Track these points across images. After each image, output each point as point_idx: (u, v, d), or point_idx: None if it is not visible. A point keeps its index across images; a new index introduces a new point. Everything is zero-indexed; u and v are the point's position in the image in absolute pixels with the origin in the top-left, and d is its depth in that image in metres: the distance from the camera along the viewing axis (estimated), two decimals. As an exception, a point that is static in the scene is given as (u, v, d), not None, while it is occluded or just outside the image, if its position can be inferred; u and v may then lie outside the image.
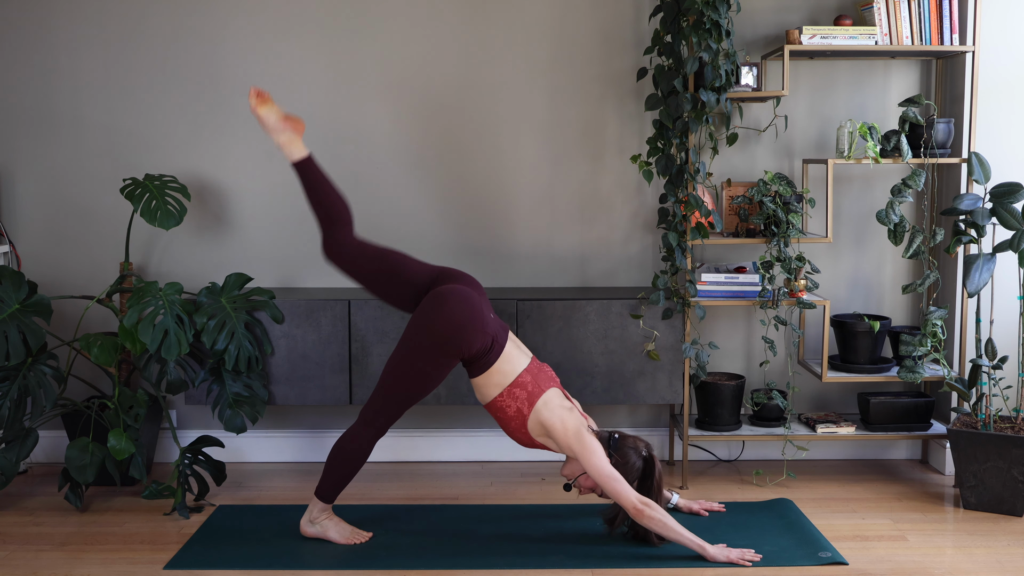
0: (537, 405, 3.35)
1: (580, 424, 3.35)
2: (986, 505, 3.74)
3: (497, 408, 3.39)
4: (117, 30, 4.26)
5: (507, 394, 3.36)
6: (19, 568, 3.25)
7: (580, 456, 3.31)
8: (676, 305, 3.99)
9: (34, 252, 4.34)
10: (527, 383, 3.37)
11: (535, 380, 3.39)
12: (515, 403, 3.35)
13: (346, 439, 3.41)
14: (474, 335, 3.31)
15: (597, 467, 3.28)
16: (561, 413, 3.35)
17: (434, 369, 3.34)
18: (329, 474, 3.43)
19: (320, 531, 3.45)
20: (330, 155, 4.32)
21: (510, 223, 4.35)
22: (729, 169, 4.30)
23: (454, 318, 3.30)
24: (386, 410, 3.39)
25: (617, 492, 3.26)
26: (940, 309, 3.87)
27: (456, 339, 3.30)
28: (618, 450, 3.37)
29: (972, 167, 3.83)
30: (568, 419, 3.34)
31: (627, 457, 3.37)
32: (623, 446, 3.39)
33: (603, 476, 3.27)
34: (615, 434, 3.41)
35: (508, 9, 4.27)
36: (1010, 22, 4.04)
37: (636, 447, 3.40)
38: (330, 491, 3.44)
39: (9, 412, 3.65)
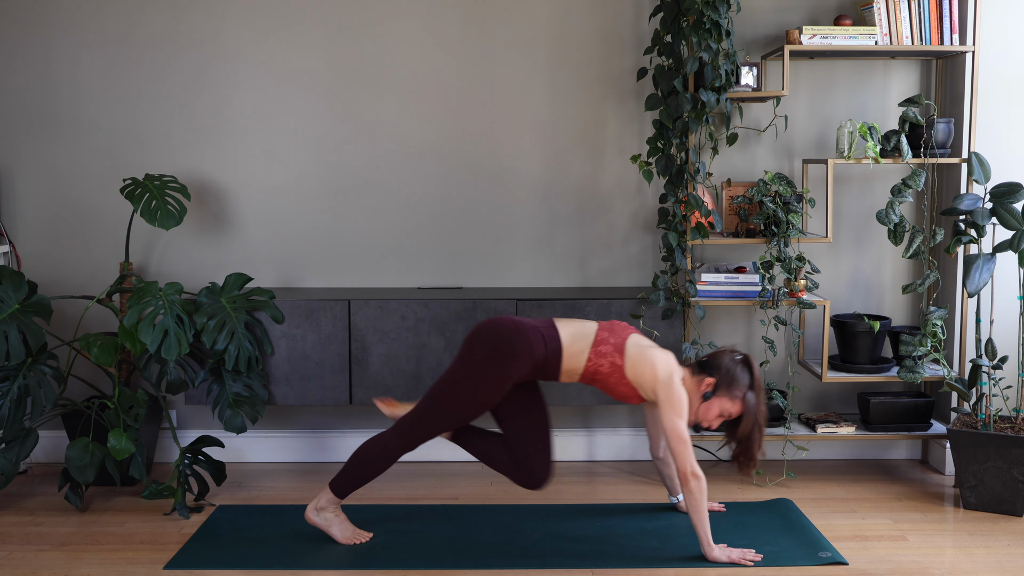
0: (627, 350, 3.29)
1: (672, 371, 3.26)
2: (986, 505, 3.74)
3: (593, 374, 3.32)
4: (116, 30, 4.26)
5: (594, 354, 3.30)
6: (19, 568, 3.25)
7: (661, 406, 3.23)
8: (676, 305, 3.99)
9: (34, 252, 4.34)
10: (607, 338, 3.32)
11: (612, 333, 3.34)
12: (606, 359, 3.29)
13: (374, 442, 3.40)
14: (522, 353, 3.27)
15: (673, 423, 3.21)
16: (651, 353, 3.27)
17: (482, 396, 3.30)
18: (348, 470, 3.41)
19: (323, 523, 3.44)
20: (330, 155, 4.32)
21: (510, 223, 4.35)
22: (729, 169, 4.31)
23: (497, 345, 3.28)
24: (422, 427, 3.37)
25: (680, 454, 3.19)
26: (940, 309, 3.87)
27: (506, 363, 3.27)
28: (717, 367, 3.28)
29: (972, 167, 3.83)
30: (659, 362, 3.26)
31: (729, 369, 3.28)
32: (719, 361, 3.30)
33: (675, 434, 3.20)
34: (704, 359, 3.33)
35: (508, 9, 4.27)
36: (1010, 22, 4.04)
37: (732, 358, 3.31)
38: (344, 486, 3.42)
39: (9, 412, 3.65)
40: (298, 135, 4.32)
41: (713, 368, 3.30)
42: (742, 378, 3.28)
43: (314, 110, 4.30)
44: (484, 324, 3.36)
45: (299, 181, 4.33)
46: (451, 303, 3.98)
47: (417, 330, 3.98)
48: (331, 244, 4.35)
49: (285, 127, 4.31)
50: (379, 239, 4.36)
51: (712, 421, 3.32)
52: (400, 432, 3.38)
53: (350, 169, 4.33)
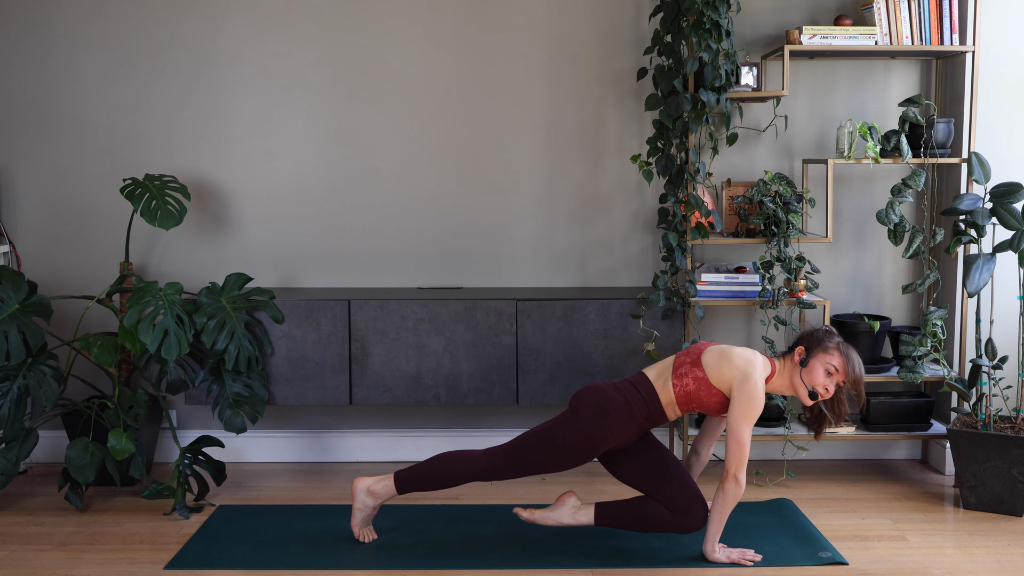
0: (704, 361, 3.27)
1: (753, 367, 3.22)
2: (986, 505, 3.74)
3: (685, 395, 3.28)
4: (116, 30, 4.26)
5: (675, 378, 3.28)
6: (19, 568, 3.25)
7: (735, 398, 3.19)
8: (676, 305, 3.99)
9: (34, 252, 4.34)
10: (684, 360, 3.31)
11: (688, 353, 3.33)
12: (688, 377, 3.27)
13: (462, 457, 3.37)
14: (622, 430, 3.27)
15: (738, 424, 3.18)
16: (728, 352, 3.26)
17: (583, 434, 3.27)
18: (422, 471, 3.37)
19: (361, 504, 3.41)
20: (330, 155, 4.32)
21: (510, 223, 4.35)
22: (729, 169, 4.31)
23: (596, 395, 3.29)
24: (516, 463, 3.34)
25: (736, 455, 3.17)
26: (940, 309, 3.87)
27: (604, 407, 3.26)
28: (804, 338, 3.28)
29: (972, 167, 3.83)
30: (737, 355, 3.23)
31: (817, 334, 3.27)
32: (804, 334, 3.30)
33: (737, 435, 3.17)
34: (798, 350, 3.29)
35: (508, 9, 4.27)
36: (1010, 22, 4.04)
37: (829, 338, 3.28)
38: (410, 484, 3.38)
39: (9, 412, 3.65)
40: (298, 135, 4.32)
41: (798, 340, 3.31)
42: (827, 335, 3.28)
43: (314, 110, 4.30)
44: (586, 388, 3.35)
45: (299, 181, 4.33)
46: (451, 303, 3.98)
47: (417, 330, 3.98)
48: (331, 244, 4.35)
49: (285, 127, 4.31)
50: (379, 239, 4.36)
51: (825, 383, 3.25)
52: (490, 457, 3.35)
53: (350, 169, 4.33)
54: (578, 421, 3.28)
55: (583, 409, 3.28)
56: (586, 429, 3.26)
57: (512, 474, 3.35)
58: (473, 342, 3.98)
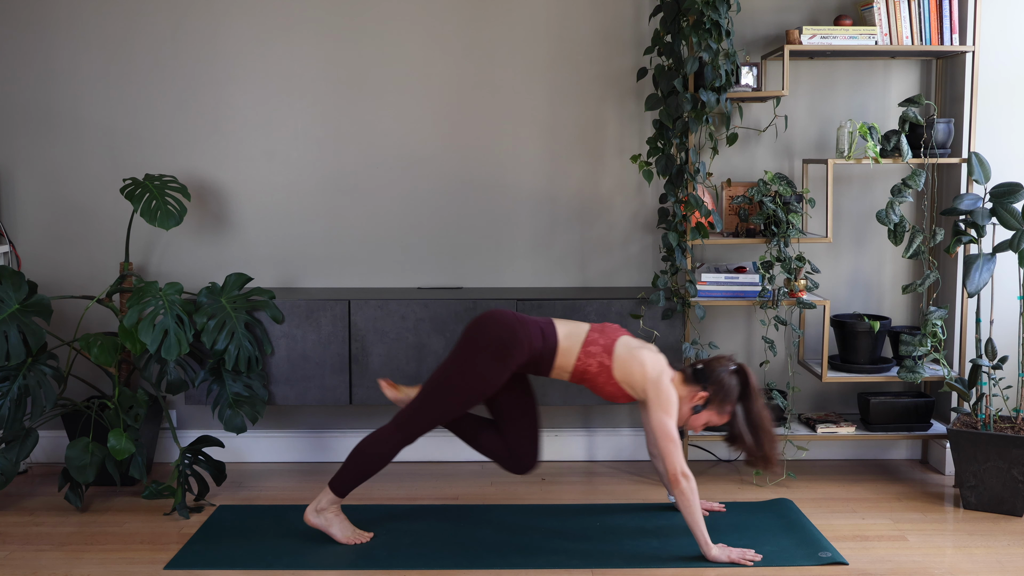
0: (615, 351, 3.33)
1: (662, 371, 3.31)
2: (986, 505, 3.74)
3: (582, 372, 3.36)
4: (116, 30, 4.26)
5: (583, 354, 3.35)
6: (19, 568, 3.25)
7: (650, 404, 3.27)
8: (676, 305, 3.99)
9: (34, 252, 4.34)
10: (596, 339, 3.36)
11: (603, 334, 3.38)
12: (594, 359, 3.34)
13: (373, 439, 3.40)
14: (521, 342, 3.31)
15: (661, 422, 3.25)
16: (640, 354, 3.32)
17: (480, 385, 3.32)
18: (348, 469, 3.41)
19: (324, 524, 3.44)
20: (330, 155, 4.32)
21: (510, 223, 4.35)
22: (729, 169, 4.31)
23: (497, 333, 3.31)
24: (421, 418, 3.37)
25: (669, 453, 3.23)
26: (940, 309, 3.87)
27: (506, 350, 3.30)
28: (709, 378, 3.32)
29: (972, 167, 3.83)
30: (648, 362, 3.31)
31: (721, 380, 3.31)
32: (712, 371, 3.33)
33: (663, 432, 3.24)
34: (697, 365, 3.37)
35: (508, 9, 4.28)
36: (1010, 22, 4.04)
37: (724, 366, 3.34)
38: (345, 485, 3.42)
39: (9, 412, 3.65)
40: (298, 135, 4.32)
41: (707, 380, 3.32)
42: (733, 392, 3.32)
43: (314, 110, 4.30)
44: (485, 316, 3.38)
45: (299, 181, 4.33)
46: (451, 303, 3.98)
47: (417, 330, 3.98)
48: (331, 244, 4.35)
49: (285, 127, 4.31)
50: (379, 239, 4.36)
51: (698, 428, 3.40)
52: (400, 425, 3.38)
53: (350, 169, 4.33)
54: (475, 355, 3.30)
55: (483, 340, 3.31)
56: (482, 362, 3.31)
57: (423, 429, 3.39)
58: (473, 342, 3.98)
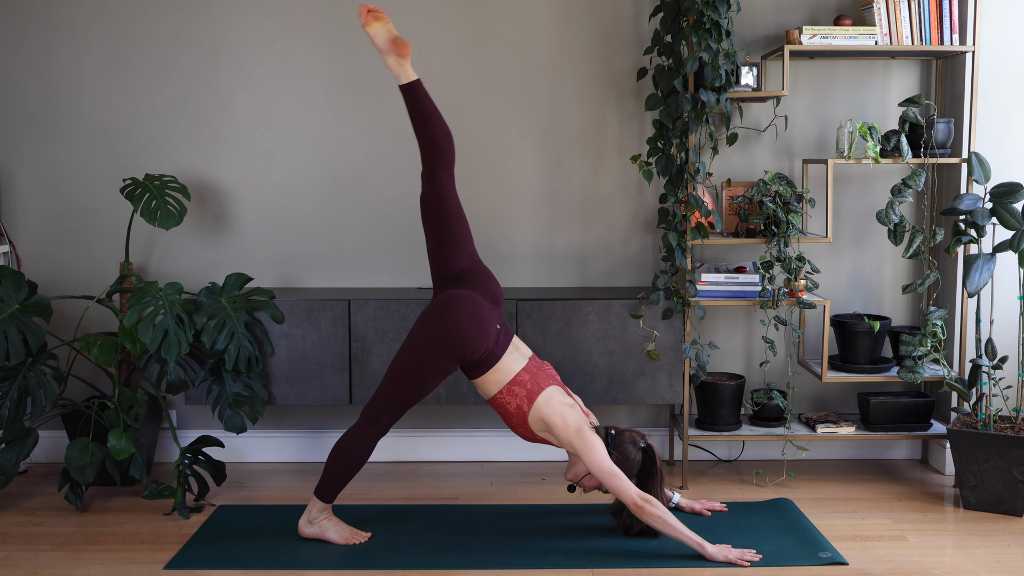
0: (537, 402, 3.38)
1: (582, 421, 3.38)
2: (986, 505, 3.74)
3: (498, 404, 3.42)
4: (117, 30, 4.26)
5: (506, 391, 3.39)
6: (19, 568, 3.25)
7: (581, 452, 3.34)
8: (676, 305, 3.99)
9: (34, 252, 4.34)
10: (525, 381, 3.39)
11: (533, 378, 3.41)
12: (515, 400, 3.39)
13: (347, 438, 3.41)
14: (475, 345, 3.34)
15: (598, 463, 3.31)
16: (562, 409, 3.38)
17: (434, 371, 3.36)
18: (329, 474, 3.43)
19: (319, 531, 3.45)
20: (330, 155, 4.32)
21: (510, 223, 4.35)
22: (729, 169, 4.31)
23: (459, 327, 3.31)
24: (388, 409, 3.39)
25: (618, 488, 3.28)
26: (940, 309, 3.87)
27: (458, 347, 3.32)
28: (617, 446, 3.40)
29: (972, 167, 3.83)
30: (569, 415, 3.37)
31: (627, 452, 3.40)
32: (621, 441, 3.42)
33: (604, 472, 3.30)
34: (611, 430, 3.44)
35: (508, 9, 4.27)
36: (1010, 22, 4.04)
37: (634, 440, 3.44)
38: (330, 491, 3.44)
39: (9, 412, 3.65)
40: (298, 135, 4.32)
41: (615, 447, 3.40)
42: (634, 467, 3.41)
43: (314, 110, 4.30)
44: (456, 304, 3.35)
45: (299, 181, 4.33)
46: (451, 303, 3.98)
47: (417, 330, 3.98)
48: (331, 244, 4.35)
49: (285, 127, 4.31)
50: (379, 239, 4.36)
51: (588, 489, 3.45)
52: (369, 419, 3.39)
53: (350, 169, 4.33)
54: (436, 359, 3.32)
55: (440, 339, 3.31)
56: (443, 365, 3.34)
57: (395, 418, 3.40)
58: (473, 342, 3.98)
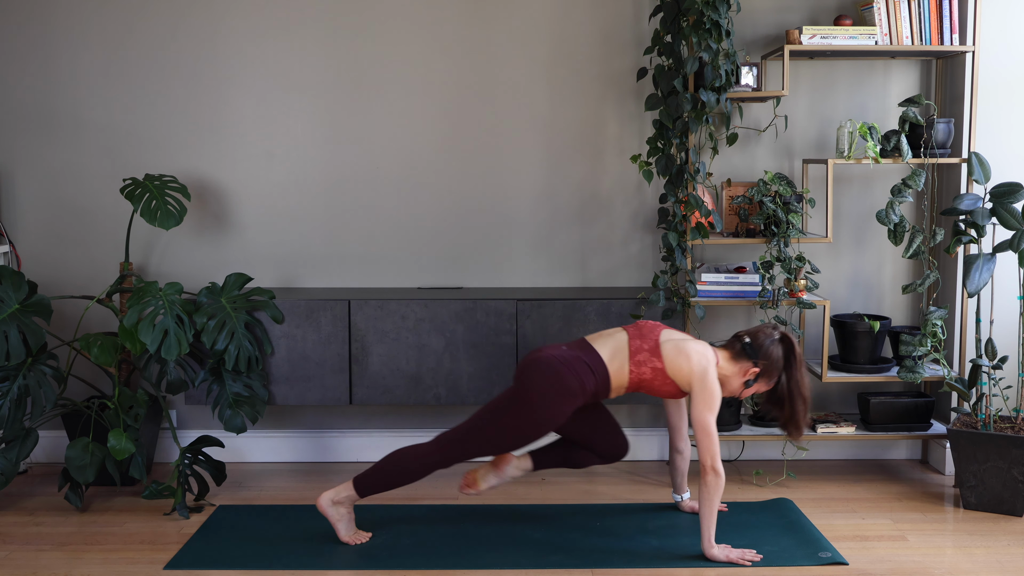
0: (663, 351, 3.33)
1: (708, 364, 3.30)
2: (986, 505, 3.74)
3: (639, 381, 3.36)
4: (116, 30, 4.26)
5: (633, 365, 3.34)
6: (19, 568, 3.25)
7: (695, 396, 3.28)
8: (676, 305, 3.99)
9: (34, 252, 4.34)
10: (640, 347, 3.35)
11: (642, 336, 3.37)
12: (647, 366, 3.33)
13: (411, 452, 3.39)
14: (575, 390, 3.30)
15: (702, 417, 3.25)
16: (685, 347, 3.32)
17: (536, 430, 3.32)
18: (377, 473, 3.41)
19: (334, 516, 3.42)
20: (330, 155, 4.32)
21: (510, 223, 4.35)
22: (729, 169, 4.31)
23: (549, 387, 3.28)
24: (463, 449, 3.37)
25: (705, 447, 3.24)
26: (940, 309, 3.87)
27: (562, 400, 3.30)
28: (759, 352, 3.34)
29: (972, 167, 3.83)
30: (693, 353, 3.31)
31: (770, 353, 3.34)
32: (761, 345, 3.35)
33: (702, 427, 3.24)
34: (745, 338, 3.37)
35: (508, 9, 4.28)
36: (1010, 22, 4.04)
37: (770, 336, 3.37)
38: (369, 488, 3.41)
39: (9, 412, 3.65)
40: (298, 135, 4.32)
41: (756, 354, 3.34)
42: (779, 363, 3.35)
43: (314, 110, 4.30)
44: (533, 364, 3.34)
45: (299, 181, 4.33)
46: (451, 303, 3.98)
47: (417, 330, 3.98)
48: (331, 244, 4.35)
49: (285, 127, 4.31)
50: (379, 239, 4.36)
51: (745, 396, 3.44)
52: (441, 448, 3.38)
53: (350, 169, 4.33)
54: (530, 405, 3.29)
55: (535, 392, 3.29)
56: (538, 413, 3.29)
57: (463, 458, 3.40)
58: (473, 342, 3.98)
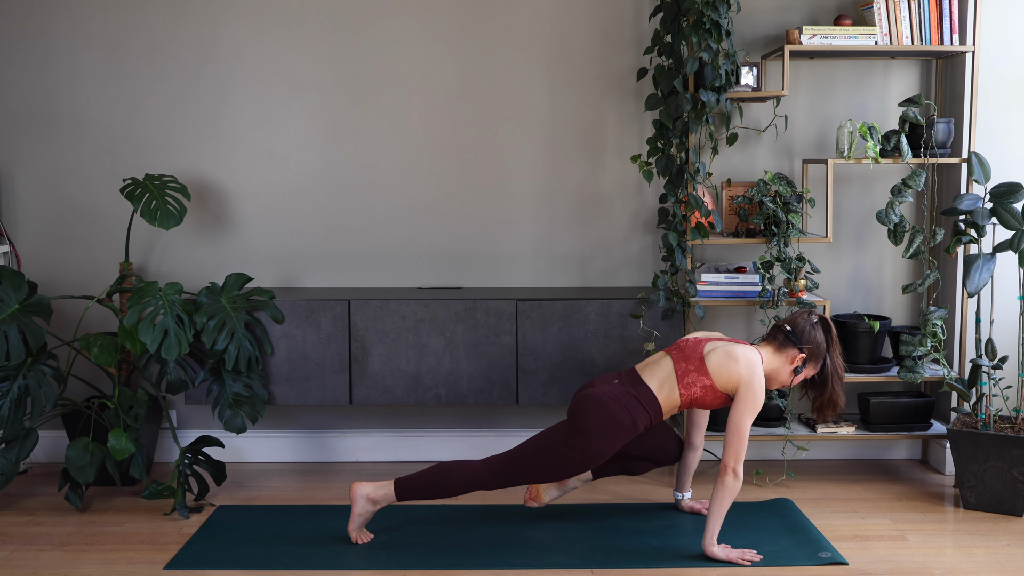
0: (709, 366, 3.33)
1: (755, 368, 3.30)
2: (986, 505, 3.74)
3: (691, 401, 3.37)
4: (116, 30, 4.26)
5: (683, 388, 3.34)
6: (19, 568, 3.25)
7: (740, 398, 3.27)
8: (676, 305, 3.99)
9: (34, 252, 4.34)
10: (687, 368, 3.35)
11: (687, 358, 3.37)
12: (696, 386, 3.34)
13: (459, 467, 3.39)
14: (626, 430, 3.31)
15: (742, 419, 3.26)
16: (729, 350, 3.33)
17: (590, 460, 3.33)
18: (422, 481, 3.39)
19: (360, 509, 3.40)
20: (330, 155, 4.32)
21: (510, 223, 4.35)
22: (729, 169, 4.31)
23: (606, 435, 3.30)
24: (513, 475, 3.37)
25: (733, 449, 3.24)
26: (940, 309, 3.87)
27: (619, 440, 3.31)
28: (802, 339, 3.37)
29: (972, 167, 3.83)
30: (740, 358, 3.30)
31: (813, 338, 3.37)
32: (803, 332, 3.38)
33: (739, 430, 3.25)
34: (786, 327, 3.40)
35: (508, 9, 4.27)
36: (1010, 22, 4.04)
37: (809, 321, 3.40)
38: (411, 493, 3.40)
39: (9, 412, 3.65)
40: (298, 135, 4.32)
41: (800, 340, 3.37)
42: (823, 347, 3.40)
43: (314, 110, 4.30)
44: (586, 400, 3.34)
45: (299, 181, 4.33)
46: (451, 303, 3.98)
47: (417, 330, 3.98)
48: (331, 244, 4.35)
49: (285, 127, 4.31)
50: (379, 239, 4.36)
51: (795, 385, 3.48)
52: (491, 470, 3.38)
53: (350, 169, 4.33)
54: (582, 440, 3.30)
55: (588, 428, 3.30)
56: (591, 447, 3.30)
57: (510, 484, 3.39)
58: (473, 342, 3.98)
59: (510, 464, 3.36)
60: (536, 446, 3.36)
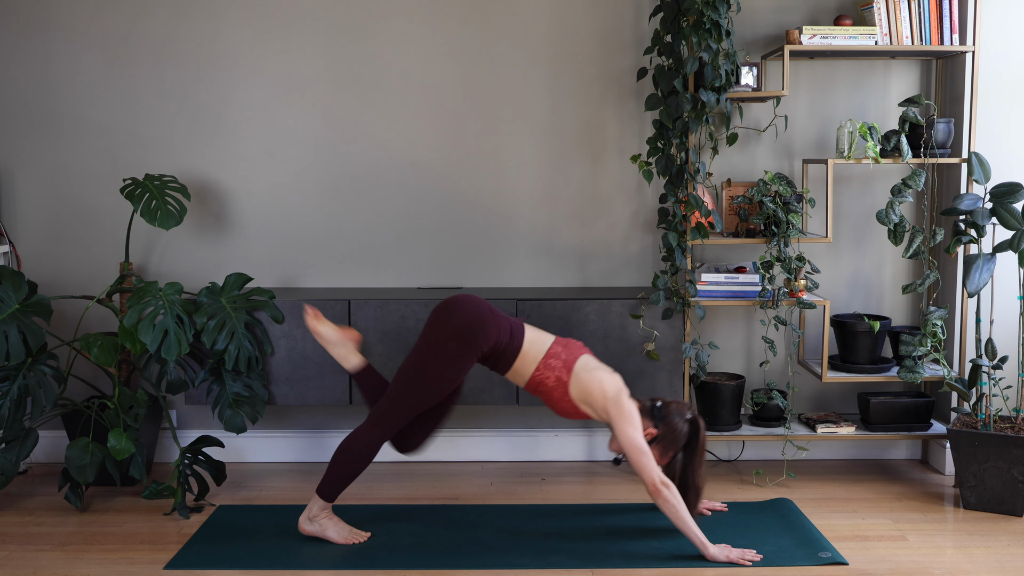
0: (575, 369, 3.37)
1: (620, 389, 3.36)
2: (986, 505, 3.74)
3: (537, 383, 3.40)
4: (116, 30, 4.26)
5: (543, 366, 3.38)
6: (19, 568, 3.25)
7: (614, 421, 3.32)
8: (676, 305, 3.99)
9: (34, 252, 4.34)
10: (559, 353, 3.39)
11: (567, 349, 3.41)
12: (553, 373, 3.37)
13: (352, 439, 3.41)
14: (490, 328, 3.34)
15: (629, 436, 3.29)
16: (599, 375, 3.36)
17: (451, 371, 3.35)
18: (332, 473, 3.42)
19: (319, 530, 3.45)
20: (330, 155, 4.32)
21: (510, 223, 4.35)
22: (729, 169, 4.31)
23: (467, 316, 3.33)
24: (396, 412, 3.39)
25: (642, 466, 3.26)
26: (940, 309, 3.87)
27: (474, 334, 3.32)
28: (664, 418, 3.38)
29: (972, 167, 3.83)
30: (607, 381, 3.35)
31: (673, 424, 3.38)
32: (668, 413, 3.39)
33: (633, 446, 3.28)
34: (657, 402, 3.41)
35: (508, 9, 4.28)
36: (1010, 22, 4.04)
37: (681, 412, 3.41)
38: (332, 490, 3.43)
39: (9, 412, 3.65)
40: (298, 135, 4.32)
41: (661, 419, 3.39)
42: (681, 439, 3.41)
43: (314, 110, 4.30)
44: (452, 300, 3.39)
45: (299, 181, 4.33)
46: (451, 303, 3.98)
47: (417, 330, 3.98)
48: (331, 244, 4.35)
49: (285, 127, 4.31)
50: (379, 239, 4.36)
51: None
52: (376, 422, 3.40)
53: (350, 169, 4.33)
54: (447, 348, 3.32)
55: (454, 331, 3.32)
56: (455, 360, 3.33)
57: (403, 423, 3.41)
58: (473, 342, 3.98)
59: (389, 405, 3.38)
60: (404, 372, 3.37)
